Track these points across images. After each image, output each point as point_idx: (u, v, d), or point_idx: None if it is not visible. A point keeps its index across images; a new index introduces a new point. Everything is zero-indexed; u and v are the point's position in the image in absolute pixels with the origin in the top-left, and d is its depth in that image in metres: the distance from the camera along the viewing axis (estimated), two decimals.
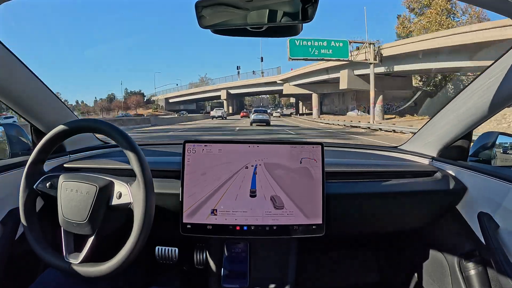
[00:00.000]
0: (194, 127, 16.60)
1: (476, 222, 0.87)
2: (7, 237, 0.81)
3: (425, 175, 1.00)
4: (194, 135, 11.33)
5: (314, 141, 0.88)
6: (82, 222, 0.69)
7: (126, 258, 0.67)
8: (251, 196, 0.83)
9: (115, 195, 0.71)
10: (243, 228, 0.83)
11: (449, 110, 0.96)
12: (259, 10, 0.61)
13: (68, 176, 0.74)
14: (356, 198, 0.92)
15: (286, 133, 13.09)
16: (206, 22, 0.63)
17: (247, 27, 0.63)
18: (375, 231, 1.08)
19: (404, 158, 1.14)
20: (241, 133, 12.63)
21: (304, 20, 0.59)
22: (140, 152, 0.70)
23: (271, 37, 0.68)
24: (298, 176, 0.84)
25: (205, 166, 0.84)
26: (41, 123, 0.96)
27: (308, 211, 0.83)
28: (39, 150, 0.74)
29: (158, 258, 1.15)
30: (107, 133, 0.72)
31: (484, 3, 0.60)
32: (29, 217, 0.73)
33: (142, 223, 0.67)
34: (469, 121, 0.90)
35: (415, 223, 1.03)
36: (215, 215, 0.83)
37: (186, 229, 0.83)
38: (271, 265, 0.93)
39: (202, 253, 1.02)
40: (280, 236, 0.84)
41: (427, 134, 1.09)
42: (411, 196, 0.95)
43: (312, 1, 0.57)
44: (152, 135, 11.90)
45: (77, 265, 0.68)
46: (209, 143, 0.85)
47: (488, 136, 0.97)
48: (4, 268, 0.81)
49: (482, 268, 0.85)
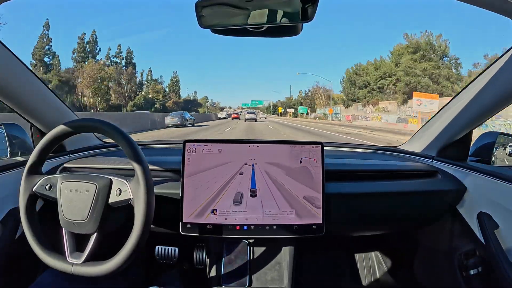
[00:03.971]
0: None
1: (476, 222, 0.87)
2: (7, 237, 0.81)
3: (425, 175, 0.99)
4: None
5: (314, 141, 0.88)
6: (83, 221, 0.69)
7: (128, 255, 0.67)
8: (251, 196, 0.83)
9: (114, 192, 0.71)
10: (243, 227, 0.83)
11: (449, 110, 0.96)
12: (259, 10, 0.61)
13: (67, 176, 0.74)
14: (356, 198, 0.92)
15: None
16: (206, 22, 0.63)
17: (247, 27, 0.64)
18: (375, 231, 1.08)
19: (404, 158, 1.14)
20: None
21: (304, 20, 0.59)
22: (139, 151, 0.70)
23: (271, 37, 0.68)
24: (298, 176, 0.84)
25: (205, 166, 0.84)
26: (41, 123, 0.96)
27: (308, 211, 0.83)
28: (39, 151, 0.74)
29: (158, 257, 1.15)
30: (107, 132, 0.72)
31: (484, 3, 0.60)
32: (30, 220, 0.73)
33: (143, 218, 0.67)
34: (469, 121, 0.90)
35: (415, 223, 1.03)
36: (215, 214, 0.83)
37: (186, 228, 0.83)
38: (270, 265, 0.93)
39: (202, 253, 1.02)
40: (280, 236, 0.84)
41: (427, 134, 1.09)
42: (411, 196, 0.95)
43: (312, 1, 0.57)
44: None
45: (79, 265, 0.68)
46: (209, 143, 0.85)
47: (488, 136, 0.97)
48: (4, 268, 0.81)
49: (482, 268, 0.85)
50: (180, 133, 12.36)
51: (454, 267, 0.92)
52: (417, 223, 1.03)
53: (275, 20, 0.61)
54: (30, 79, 0.87)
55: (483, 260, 0.85)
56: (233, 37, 0.70)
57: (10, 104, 0.86)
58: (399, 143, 1.30)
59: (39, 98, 0.93)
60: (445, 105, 0.99)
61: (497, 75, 0.77)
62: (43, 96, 0.93)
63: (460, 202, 0.95)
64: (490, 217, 0.83)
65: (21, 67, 0.83)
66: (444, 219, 0.99)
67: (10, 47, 0.78)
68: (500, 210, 0.82)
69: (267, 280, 0.91)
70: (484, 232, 0.83)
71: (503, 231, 0.81)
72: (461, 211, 0.95)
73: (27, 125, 0.98)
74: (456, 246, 0.94)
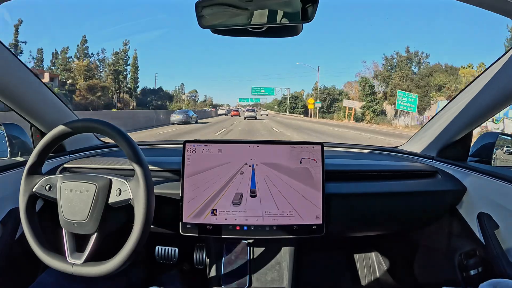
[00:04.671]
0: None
1: (476, 222, 0.87)
2: (7, 237, 0.81)
3: (425, 176, 1.00)
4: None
5: (313, 141, 0.88)
6: (83, 221, 0.69)
7: (128, 255, 0.67)
8: (251, 196, 0.83)
9: (114, 192, 0.71)
10: (243, 228, 0.83)
11: (449, 110, 0.96)
12: (259, 10, 0.61)
13: (66, 177, 0.74)
14: (356, 198, 0.92)
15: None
16: (206, 22, 0.63)
17: (247, 27, 0.63)
18: (375, 231, 1.08)
19: (404, 158, 1.14)
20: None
21: (304, 20, 0.59)
22: (139, 151, 0.70)
23: (271, 37, 0.68)
24: (298, 176, 0.84)
25: (205, 166, 0.84)
26: (41, 123, 0.96)
27: (308, 211, 0.83)
28: (39, 151, 0.74)
29: (158, 258, 1.15)
30: (107, 132, 0.73)
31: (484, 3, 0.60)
32: (30, 220, 0.73)
33: (143, 218, 0.67)
34: (469, 122, 0.90)
35: (415, 223, 1.03)
36: (215, 215, 0.83)
37: (186, 229, 0.83)
38: (271, 265, 0.93)
39: (202, 253, 1.02)
40: (280, 236, 0.84)
41: (427, 134, 1.09)
42: (411, 196, 0.95)
43: (312, 1, 0.57)
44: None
45: (79, 266, 0.68)
46: (209, 143, 0.85)
47: (488, 136, 0.97)
48: (4, 268, 0.81)
49: (482, 268, 0.85)
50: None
51: (454, 267, 0.92)
52: (417, 223, 1.03)
53: (275, 20, 0.61)
54: (30, 79, 0.87)
55: (483, 260, 0.85)
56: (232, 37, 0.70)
57: (10, 104, 0.86)
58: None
59: (39, 98, 0.93)
60: (445, 105, 0.99)
61: (497, 75, 0.77)
62: (43, 96, 0.93)
63: (460, 202, 0.95)
64: (490, 217, 0.83)
65: (21, 67, 0.83)
66: (444, 219, 0.99)
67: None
68: (500, 210, 0.82)
69: (267, 280, 0.91)
70: (484, 232, 0.83)
71: (503, 231, 0.81)
72: (461, 211, 0.95)
73: (27, 125, 0.98)
74: (456, 246, 0.94)
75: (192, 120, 18.67)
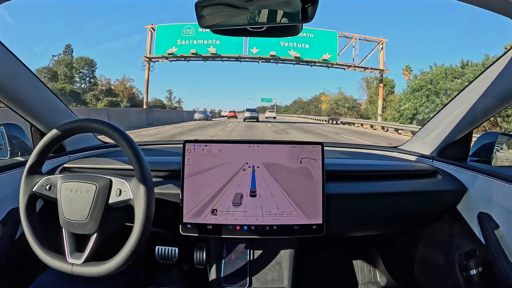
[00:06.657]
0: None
1: (476, 222, 0.87)
2: (7, 237, 0.81)
3: (425, 175, 0.99)
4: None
5: (314, 141, 0.88)
6: (83, 221, 0.69)
7: (128, 256, 0.67)
8: (251, 196, 0.83)
9: (114, 193, 0.71)
10: (243, 228, 0.83)
11: (449, 110, 0.96)
12: (259, 10, 0.61)
13: (67, 177, 0.74)
14: (356, 198, 0.92)
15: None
16: (206, 22, 0.63)
17: (247, 27, 0.63)
18: (375, 231, 1.08)
19: (404, 158, 1.14)
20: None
21: (304, 20, 0.59)
22: (139, 151, 0.70)
23: (271, 37, 0.68)
24: (298, 176, 0.84)
25: (205, 166, 0.84)
26: (41, 123, 0.96)
27: (308, 211, 0.83)
28: (39, 151, 0.74)
29: (158, 258, 1.15)
30: (107, 133, 0.72)
31: (484, 3, 0.60)
32: (30, 220, 0.73)
33: (143, 218, 0.67)
34: (469, 121, 0.90)
35: (415, 223, 1.03)
36: (215, 215, 0.83)
37: (186, 228, 0.83)
38: (271, 265, 0.93)
39: (202, 253, 1.02)
40: (280, 236, 0.84)
41: (427, 134, 1.09)
42: (411, 196, 0.95)
43: (312, 1, 0.57)
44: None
45: (79, 266, 0.68)
46: (209, 143, 0.85)
47: (488, 136, 0.97)
48: (4, 268, 0.81)
49: (482, 268, 0.85)
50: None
51: (454, 267, 0.92)
52: (417, 223, 1.03)
53: (275, 20, 0.61)
54: (30, 79, 0.87)
55: (483, 260, 0.85)
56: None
57: (10, 104, 0.86)
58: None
59: (39, 98, 0.93)
60: (445, 105, 0.99)
61: (497, 75, 0.77)
62: (43, 96, 0.93)
63: (460, 202, 0.95)
64: (490, 217, 0.83)
65: (21, 67, 0.83)
66: (444, 219, 0.99)
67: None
68: (500, 210, 0.82)
69: (267, 280, 0.91)
70: (484, 232, 0.83)
71: (503, 231, 0.81)
72: (461, 211, 0.95)
73: (27, 125, 0.98)
74: (456, 246, 0.94)
75: (209, 118, 26.54)
